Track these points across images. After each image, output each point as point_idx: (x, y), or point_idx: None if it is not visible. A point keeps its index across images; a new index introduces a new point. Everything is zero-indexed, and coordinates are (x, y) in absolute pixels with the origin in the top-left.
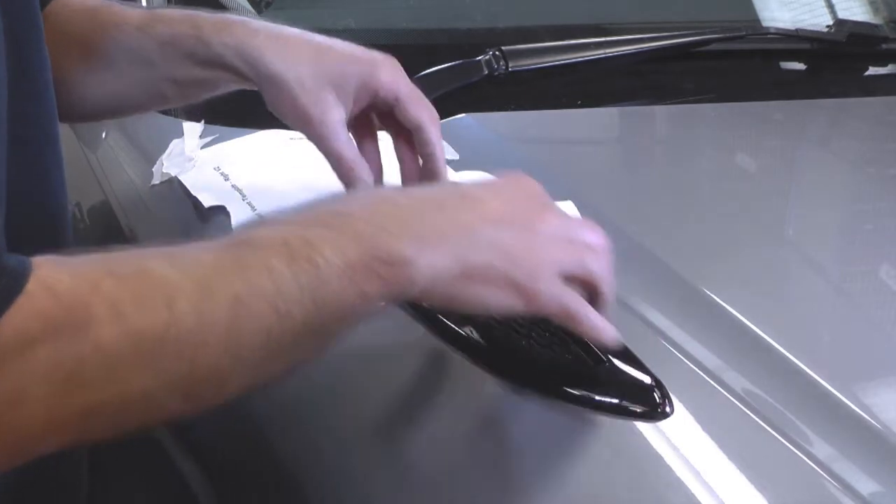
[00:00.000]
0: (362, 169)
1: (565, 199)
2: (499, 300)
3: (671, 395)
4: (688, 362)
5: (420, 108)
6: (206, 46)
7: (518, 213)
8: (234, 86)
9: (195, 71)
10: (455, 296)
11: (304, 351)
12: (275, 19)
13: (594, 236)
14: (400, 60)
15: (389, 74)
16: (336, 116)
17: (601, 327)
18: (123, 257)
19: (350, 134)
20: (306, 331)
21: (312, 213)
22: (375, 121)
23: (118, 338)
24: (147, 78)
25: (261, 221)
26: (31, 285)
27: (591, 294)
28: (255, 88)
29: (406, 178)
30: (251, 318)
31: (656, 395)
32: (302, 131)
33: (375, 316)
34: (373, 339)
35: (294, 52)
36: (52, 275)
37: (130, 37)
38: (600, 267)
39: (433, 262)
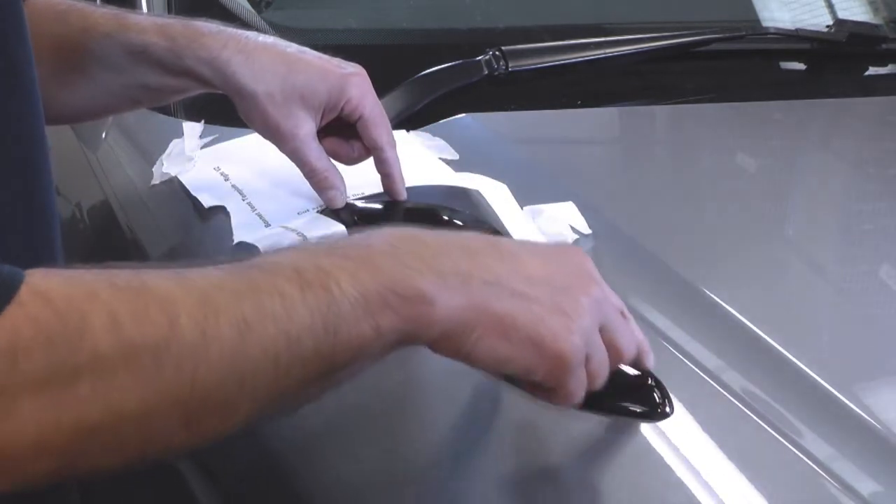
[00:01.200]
0: (335, 177)
1: (566, 199)
2: (518, 359)
3: (671, 395)
4: (688, 362)
5: (379, 130)
6: (179, 58)
7: (558, 277)
8: (208, 90)
9: (166, 79)
10: (471, 349)
11: (313, 382)
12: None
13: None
14: (400, 60)
15: (357, 92)
16: (306, 129)
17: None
18: (126, 273)
19: (320, 144)
20: (317, 360)
21: (329, 245)
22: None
23: (115, 349)
24: (118, 83)
25: (277, 251)
26: (24, 293)
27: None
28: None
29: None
30: (259, 342)
31: (656, 395)
32: (274, 143)
33: (389, 359)
34: None
35: (265, 66)
36: (46, 283)
37: (101, 44)
38: (630, 349)
39: (452, 303)
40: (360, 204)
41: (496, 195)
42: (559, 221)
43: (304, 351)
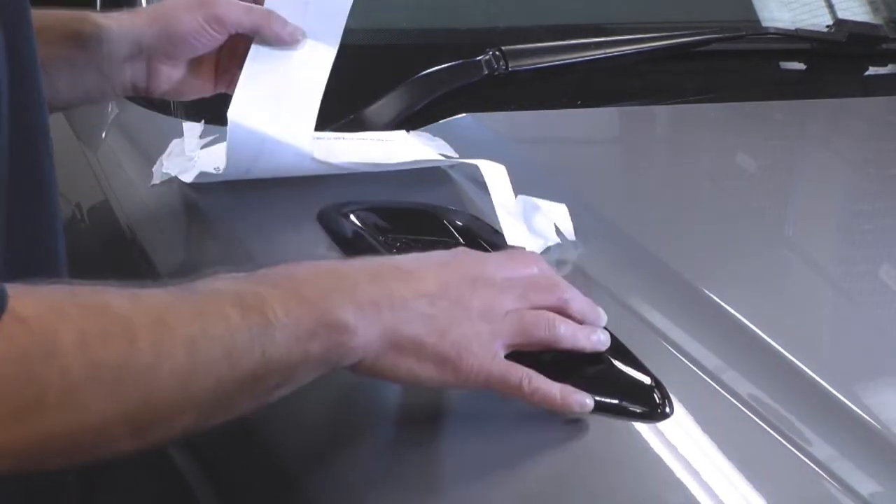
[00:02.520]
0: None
1: (565, 199)
2: (430, 375)
3: (671, 395)
4: (688, 362)
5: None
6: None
7: (451, 289)
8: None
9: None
10: (389, 369)
11: (247, 401)
12: None
13: (547, 296)
14: (400, 60)
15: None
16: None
17: (555, 396)
18: (88, 291)
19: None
20: (252, 381)
21: (261, 274)
22: None
23: (82, 367)
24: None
25: (214, 277)
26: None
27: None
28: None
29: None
30: (205, 362)
31: (656, 396)
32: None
33: (312, 382)
34: None
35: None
36: (21, 303)
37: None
38: (551, 329)
39: (369, 332)
40: (361, 210)
41: (494, 174)
42: (547, 220)
43: (243, 372)
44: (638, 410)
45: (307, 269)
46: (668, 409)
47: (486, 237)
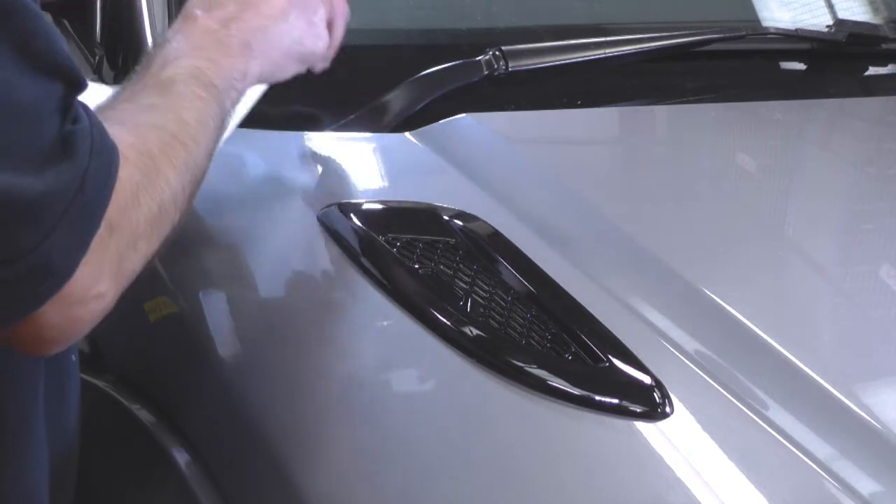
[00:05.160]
0: None
1: (563, 199)
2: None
3: (671, 395)
4: (688, 362)
5: None
6: None
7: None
8: None
9: None
10: (269, 78)
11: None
12: None
13: None
14: (400, 60)
15: None
16: None
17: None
18: (136, 109)
19: None
20: (220, 123)
21: (192, 45)
22: None
23: (174, 175)
24: None
25: (159, 59)
26: (120, 146)
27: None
28: None
29: None
30: (209, 133)
31: (656, 395)
32: None
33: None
34: (373, 341)
35: None
36: (121, 135)
37: None
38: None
39: (262, 65)
40: (361, 210)
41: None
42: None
43: (219, 122)
44: (638, 410)
45: (211, 31)
46: (668, 409)
47: (485, 237)
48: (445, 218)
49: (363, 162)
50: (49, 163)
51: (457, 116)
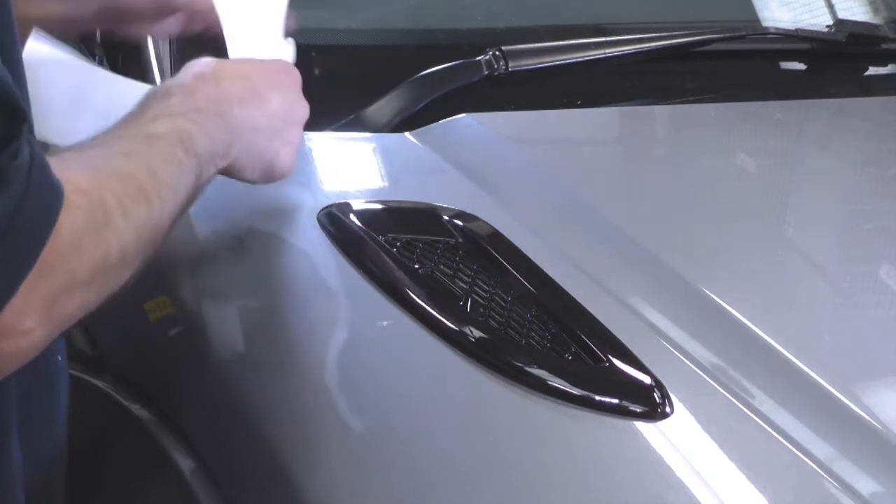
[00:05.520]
0: None
1: (564, 199)
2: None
3: (671, 395)
4: (688, 362)
5: None
6: None
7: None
8: None
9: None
10: (237, 176)
11: (192, 199)
12: None
13: None
14: (400, 60)
15: None
16: None
17: None
18: (100, 156)
19: None
20: (194, 190)
21: (186, 108)
22: None
23: (127, 229)
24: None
25: (156, 109)
26: (67, 191)
27: None
28: None
29: None
30: (181, 196)
31: (656, 395)
32: None
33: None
34: (373, 341)
35: None
36: (74, 175)
37: None
38: None
39: (242, 155)
40: (361, 210)
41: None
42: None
43: (186, 197)
44: (638, 410)
45: (210, 104)
46: (668, 409)
47: (485, 237)
48: (445, 218)
49: (363, 162)
50: None
51: (457, 116)
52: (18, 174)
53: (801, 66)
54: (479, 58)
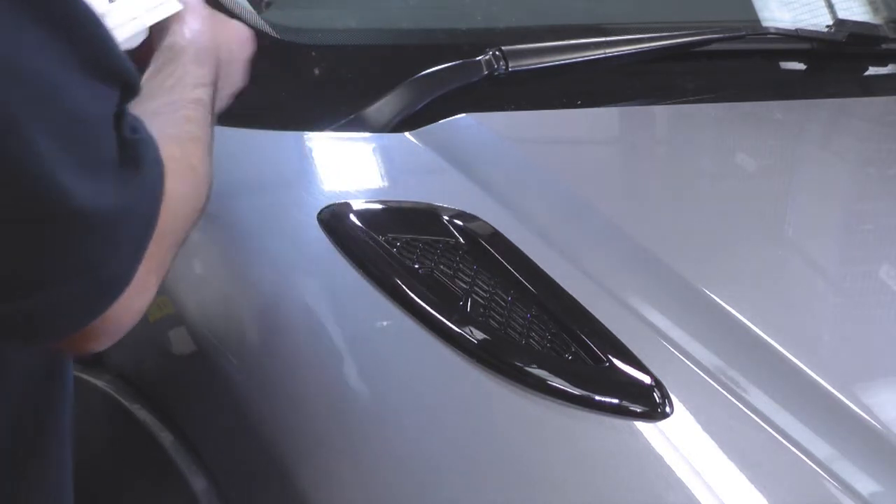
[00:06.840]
0: None
1: (564, 198)
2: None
3: (671, 395)
4: (688, 362)
5: None
6: None
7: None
8: None
9: None
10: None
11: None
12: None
13: None
14: (400, 60)
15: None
16: None
17: None
18: (173, 123)
19: None
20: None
21: (189, 77)
22: None
23: (207, 185)
24: None
25: (171, 83)
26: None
27: None
28: None
29: None
30: (209, 148)
31: (656, 395)
32: None
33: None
34: (374, 341)
35: None
36: (170, 148)
37: None
38: None
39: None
40: (361, 210)
41: None
42: None
43: (209, 143)
44: (638, 410)
45: (200, 69)
46: (668, 409)
47: (485, 237)
48: (445, 218)
49: (363, 162)
50: (117, 175)
51: (457, 116)
52: (146, 149)
53: (801, 66)
54: (479, 58)
